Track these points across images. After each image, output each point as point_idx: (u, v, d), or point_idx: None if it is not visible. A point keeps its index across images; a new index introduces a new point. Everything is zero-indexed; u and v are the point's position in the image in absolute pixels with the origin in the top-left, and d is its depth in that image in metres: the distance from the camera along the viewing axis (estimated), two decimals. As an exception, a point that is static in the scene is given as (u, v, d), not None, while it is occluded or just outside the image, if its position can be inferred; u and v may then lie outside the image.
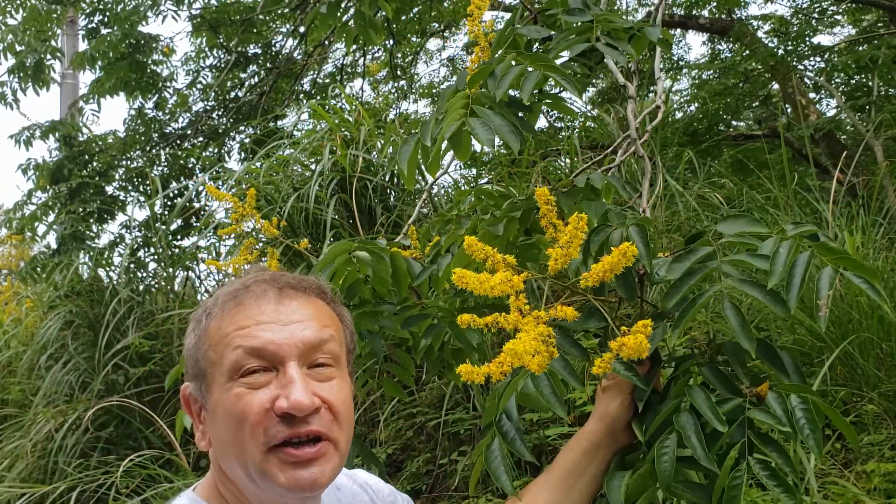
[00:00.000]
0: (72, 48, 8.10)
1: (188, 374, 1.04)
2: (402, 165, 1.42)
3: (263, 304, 0.99)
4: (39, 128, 6.10)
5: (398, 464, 3.63)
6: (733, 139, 5.74)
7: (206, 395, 1.00)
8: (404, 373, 1.70)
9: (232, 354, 0.97)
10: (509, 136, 1.32)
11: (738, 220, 1.24)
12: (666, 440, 1.12)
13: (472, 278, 1.12)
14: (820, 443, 1.07)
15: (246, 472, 0.97)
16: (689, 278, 1.17)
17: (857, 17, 6.20)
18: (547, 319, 1.12)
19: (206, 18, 6.32)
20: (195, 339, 1.03)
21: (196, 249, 5.42)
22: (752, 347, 1.11)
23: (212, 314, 1.02)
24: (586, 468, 1.22)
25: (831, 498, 2.30)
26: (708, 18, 6.23)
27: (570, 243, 1.17)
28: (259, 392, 0.95)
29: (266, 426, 0.94)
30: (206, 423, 1.02)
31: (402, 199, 4.48)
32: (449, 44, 8.51)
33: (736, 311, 1.13)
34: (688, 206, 3.83)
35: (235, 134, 6.71)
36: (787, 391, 1.10)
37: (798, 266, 1.12)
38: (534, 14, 1.55)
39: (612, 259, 1.13)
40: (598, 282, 1.15)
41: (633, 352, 1.06)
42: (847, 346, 2.62)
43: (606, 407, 1.24)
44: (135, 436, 4.47)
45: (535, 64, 1.37)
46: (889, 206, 3.72)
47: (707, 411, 1.10)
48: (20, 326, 5.92)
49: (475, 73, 1.40)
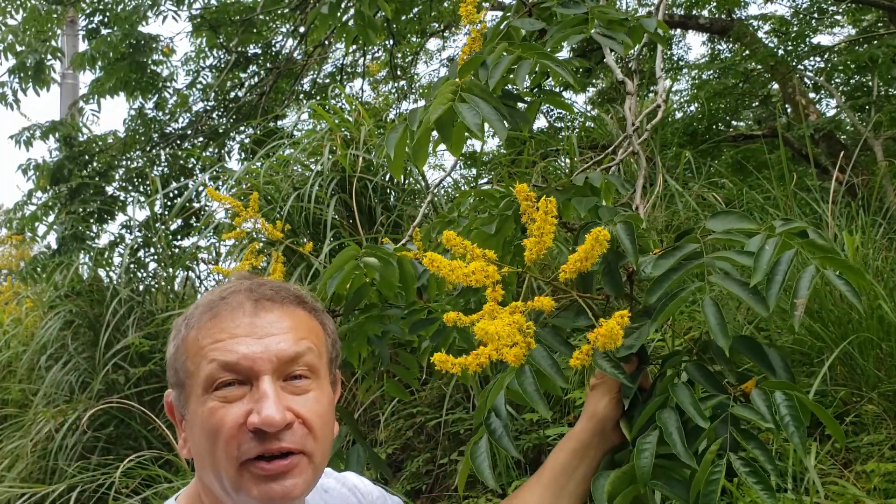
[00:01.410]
0: (72, 48, 8.10)
1: (170, 382, 1.05)
2: (389, 151, 1.41)
3: (239, 317, 0.99)
4: (39, 128, 6.10)
5: (398, 464, 3.63)
6: (733, 139, 5.74)
7: (185, 405, 1.01)
8: (407, 373, 1.70)
9: (207, 367, 0.96)
10: (497, 124, 1.31)
11: (728, 216, 1.23)
12: (647, 437, 1.11)
13: (443, 263, 1.12)
14: (804, 440, 1.06)
15: (221, 484, 0.97)
16: (672, 274, 1.17)
17: (857, 17, 6.20)
18: (525, 310, 1.11)
19: (206, 18, 6.32)
20: (174, 349, 1.03)
21: (196, 249, 5.43)
22: (726, 345, 1.10)
23: (190, 324, 1.02)
24: (576, 468, 1.22)
25: (831, 498, 2.30)
26: (708, 18, 6.22)
27: (541, 229, 1.16)
28: (233, 406, 0.95)
29: (239, 441, 0.95)
30: (186, 431, 1.02)
31: (401, 199, 4.48)
32: (449, 44, 8.51)
33: (715, 309, 1.12)
34: (687, 206, 3.83)
35: (235, 134, 6.71)
36: (773, 388, 1.10)
37: (781, 263, 1.11)
38: (529, 7, 1.54)
39: (586, 246, 1.13)
40: (576, 272, 1.14)
41: (606, 340, 1.05)
42: (847, 346, 2.62)
43: (595, 406, 1.23)
44: (134, 436, 4.47)
45: (528, 53, 1.36)
46: (889, 206, 3.72)
47: (689, 407, 1.09)
48: (20, 326, 5.92)
49: (466, 63, 1.40)
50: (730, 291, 1.15)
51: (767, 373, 1.14)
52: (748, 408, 1.09)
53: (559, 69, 1.35)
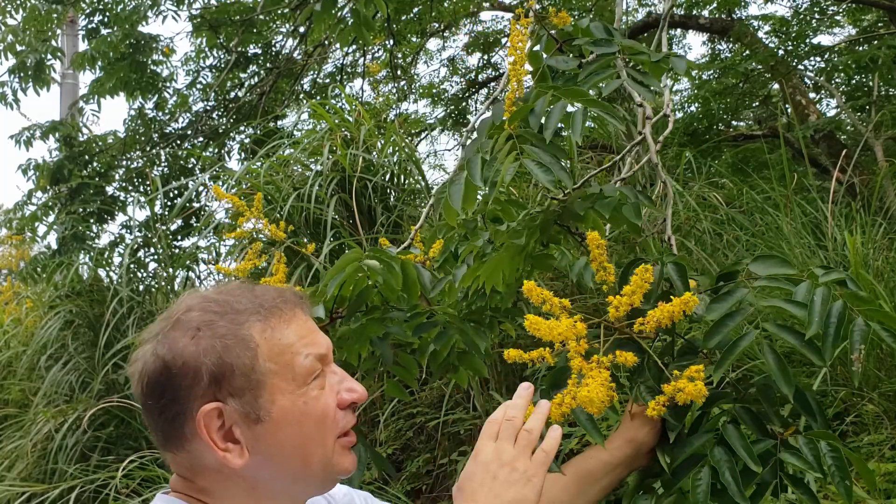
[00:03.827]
0: (72, 48, 8.09)
1: (223, 394, 0.99)
2: (454, 206, 1.44)
3: (304, 317, 1.09)
4: (39, 128, 6.10)
5: (398, 464, 3.63)
6: (733, 139, 5.74)
7: (268, 405, 1.00)
8: (407, 374, 1.70)
9: (305, 361, 1.04)
10: (561, 174, 1.34)
11: (769, 260, 1.29)
12: (699, 473, 1.19)
13: (542, 326, 1.19)
14: (850, 490, 1.15)
15: (310, 470, 1.04)
16: (729, 320, 1.22)
17: (857, 17, 6.20)
18: (607, 364, 1.17)
19: (206, 18, 6.32)
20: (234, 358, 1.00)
21: (196, 249, 5.43)
22: (790, 392, 1.17)
23: (252, 332, 1.01)
24: (600, 479, 1.29)
25: (831, 498, 2.30)
26: (708, 18, 6.22)
27: (633, 293, 1.22)
28: (327, 391, 1.06)
29: (337, 419, 1.06)
30: (257, 435, 1.01)
31: (401, 199, 4.48)
32: (449, 44, 8.51)
33: (776, 357, 1.19)
34: (688, 206, 3.83)
35: (235, 134, 6.71)
36: (818, 437, 1.17)
37: (833, 316, 1.18)
38: (559, 43, 1.55)
39: (673, 308, 1.17)
40: (654, 329, 1.20)
41: (692, 397, 1.12)
42: (847, 346, 2.62)
43: (635, 433, 1.29)
44: (134, 436, 4.47)
45: (575, 99, 1.37)
46: (889, 206, 3.72)
47: (742, 451, 1.17)
48: (20, 326, 5.92)
49: (516, 112, 1.41)
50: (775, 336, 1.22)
51: (811, 420, 1.21)
52: (796, 454, 1.17)
53: (608, 116, 1.39)
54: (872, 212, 3.45)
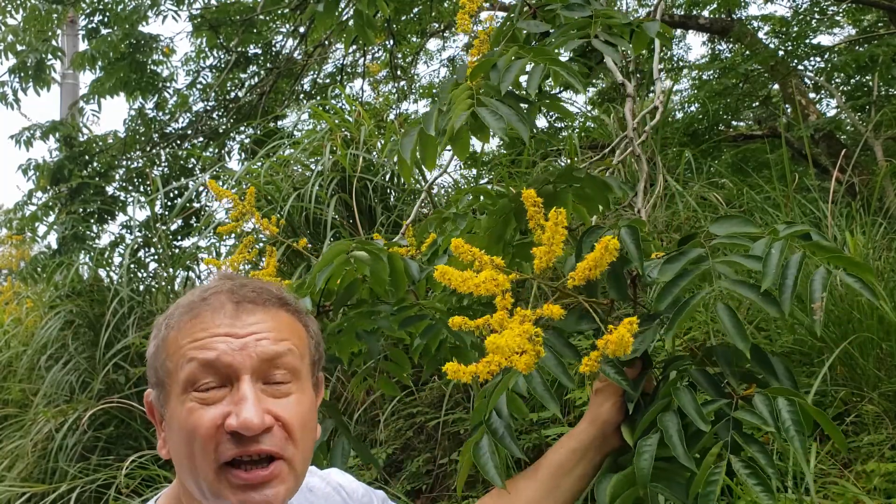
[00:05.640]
0: (72, 48, 8.09)
1: (150, 382, 1.02)
2: (404, 156, 1.41)
3: (219, 318, 0.97)
4: (40, 128, 6.10)
5: (398, 464, 3.63)
6: (733, 139, 5.74)
7: (165, 405, 0.99)
8: (400, 371, 1.70)
9: (187, 367, 0.95)
10: (518, 125, 1.31)
11: (731, 220, 1.24)
12: (648, 439, 1.12)
13: (454, 275, 1.12)
14: (805, 444, 1.08)
15: (199, 488, 0.95)
16: (681, 280, 1.18)
17: (857, 17, 6.20)
18: (534, 318, 1.11)
19: (207, 18, 6.32)
20: (154, 348, 1.01)
21: (196, 249, 5.42)
22: (746, 348, 1.11)
23: (170, 324, 1.00)
24: (573, 468, 1.23)
25: (831, 498, 2.30)
26: (708, 18, 6.22)
27: (551, 239, 1.16)
28: (211, 408, 0.94)
29: (217, 442, 0.93)
30: (166, 432, 1.01)
31: (402, 199, 4.48)
32: (449, 44, 8.51)
33: (730, 313, 1.13)
34: (688, 206, 3.83)
35: (235, 134, 6.72)
36: (775, 394, 1.11)
37: (791, 267, 1.12)
38: (533, 9, 1.54)
39: (595, 255, 1.13)
40: (584, 280, 1.15)
41: (616, 348, 1.06)
42: (847, 346, 2.62)
43: (598, 409, 1.24)
44: (134, 436, 4.47)
45: (538, 58, 1.36)
46: (889, 206, 3.72)
47: (691, 411, 1.11)
48: (20, 326, 5.92)
49: (477, 66, 1.39)
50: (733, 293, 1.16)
51: (770, 379, 1.15)
52: (750, 411, 1.10)
53: (570, 77, 1.36)
54: (872, 212, 3.44)
